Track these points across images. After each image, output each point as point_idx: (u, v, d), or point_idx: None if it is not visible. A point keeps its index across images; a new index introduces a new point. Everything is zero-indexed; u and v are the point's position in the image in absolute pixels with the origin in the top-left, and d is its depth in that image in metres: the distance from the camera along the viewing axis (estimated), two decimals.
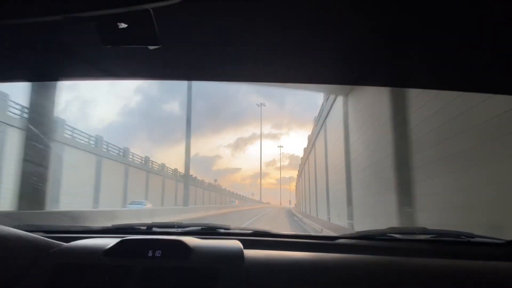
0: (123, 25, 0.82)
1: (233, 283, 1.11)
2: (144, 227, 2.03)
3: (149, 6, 0.71)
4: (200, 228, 2.05)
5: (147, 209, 21.02)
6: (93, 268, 1.19)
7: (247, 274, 1.17)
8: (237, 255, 1.25)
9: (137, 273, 1.14)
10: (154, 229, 2.02)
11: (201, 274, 1.16)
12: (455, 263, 1.46)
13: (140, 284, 1.12)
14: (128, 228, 2.01)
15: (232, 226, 2.06)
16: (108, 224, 2.07)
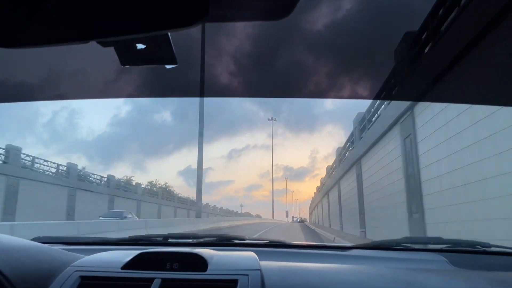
0: (141, 46, 0.86)
1: None
2: (160, 238, 2.06)
3: (168, 31, 0.74)
4: (215, 238, 2.07)
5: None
6: (113, 281, 1.21)
7: (263, 285, 1.18)
8: (253, 267, 1.27)
9: (156, 285, 1.17)
10: (170, 240, 2.05)
11: (219, 286, 1.18)
12: (471, 274, 1.45)
13: None
14: (145, 239, 2.04)
15: (246, 237, 2.08)
16: None
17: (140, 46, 0.86)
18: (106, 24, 0.71)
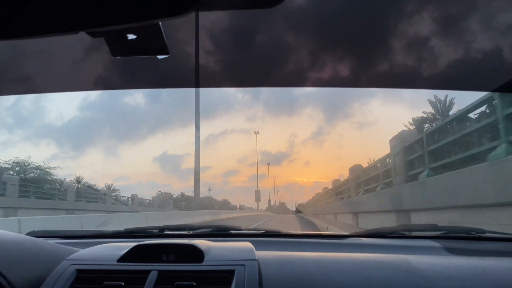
0: (132, 37, 0.84)
1: (247, 286, 1.12)
2: (156, 230, 2.05)
3: (159, 20, 0.72)
4: (211, 229, 2.07)
5: None
6: (109, 274, 1.21)
7: (260, 275, 1.19)
8: (250, 257, 1.27)
9: (153, 277, 1.16)
10: (166, 231, 2.05)
11: (215, 277, 1.18)
12: (467, 260, 1.46)
13: None
14: (141, 232, 2.04)
15: (243, 227, 2.08)
16: None
17: (131, 36, 0.85)
18: (95, 14, 0.70)
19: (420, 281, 1.19)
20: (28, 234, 1.75)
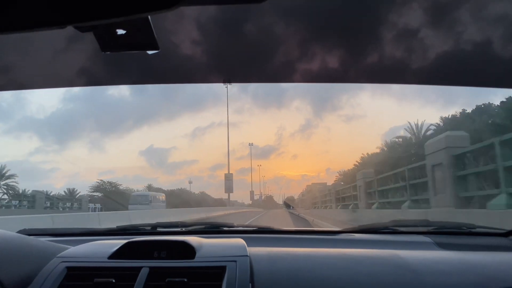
0: (121, 31, 0.83)
1: (239, 281, 1.12)
2: (149, 228, 2.04)
3: (147, 14, 0.72)
4: (204, 226, 2.07)
5: None
6: (100, 271, 1.20)
7: (251, 271, 1.19)
8: (241, 253, 1.27)
9: (144, 274, 1.16)
10: (159, 229, 2.04)
11: (207, 273, 1.18)
12: (457, 254, 1.47)
13: (148, 285, 1.14)
14: (133, 229, 2.03)
15: (235, 224, 2.08)
16: None
17: (120, 31, 0.84)
18: (83, 7, 0.69)
19: (410, 275, 1.20)
20: (19, 232, 1.73)
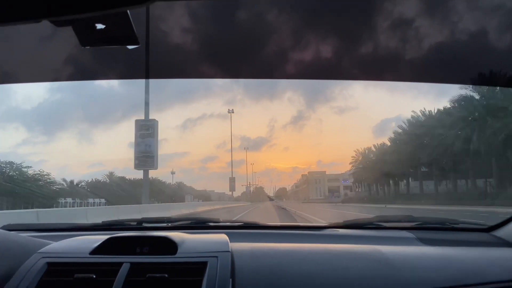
0: (100, 26, 0.82)
1: (219, 277, 1.13)
2: (134, 223, 2.04)
3: (125, 9, 0.71)
4: (189, 222, 2.07)
5: None
6: (81, 266, 1.20)
7: (233, 267, 1.19)
8: (223, 249, 1.27)
9: (125, 270, 1.16)
10: (144, 224, 2.04)
11: (188, 268, 1.18)
12: (439, 250, 1.49)
13: (129, 281, 1.14)
14: (118, 224, 2.02)
15: (221, 219, 2.09)
16: None
17: (99, 26, 0.83)
18: (58, 2, 0.68)
19: (390, 271, 1.22)
20: (2, 227, 1.71)
